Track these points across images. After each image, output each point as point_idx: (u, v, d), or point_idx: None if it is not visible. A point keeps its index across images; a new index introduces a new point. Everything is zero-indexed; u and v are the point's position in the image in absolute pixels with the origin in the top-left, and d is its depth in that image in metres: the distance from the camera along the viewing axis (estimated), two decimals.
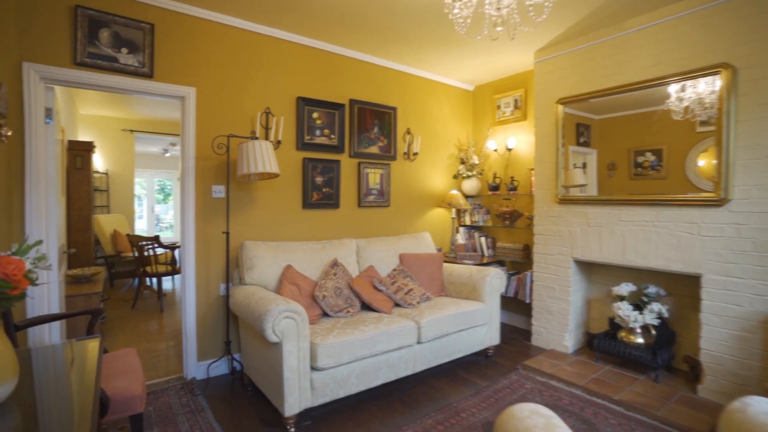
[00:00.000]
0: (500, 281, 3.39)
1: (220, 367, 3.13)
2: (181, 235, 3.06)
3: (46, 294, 2.64)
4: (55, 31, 2.55)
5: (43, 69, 2.52)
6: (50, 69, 2.54)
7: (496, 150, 4.47)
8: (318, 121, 3.59)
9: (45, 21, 2.52)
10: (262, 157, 2.82)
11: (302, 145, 3.49)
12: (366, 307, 3.15)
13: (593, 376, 2.94)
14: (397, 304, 3.23)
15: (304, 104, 3.49)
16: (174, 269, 5.24)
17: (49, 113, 2.66)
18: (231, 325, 3.12)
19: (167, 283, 6.57)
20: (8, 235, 2.37)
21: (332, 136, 3.67)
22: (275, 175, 3.02)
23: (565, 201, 3.46)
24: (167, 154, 9.42)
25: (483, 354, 3.44)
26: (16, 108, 2.44)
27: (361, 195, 3.84)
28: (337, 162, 3.68)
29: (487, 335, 3.32)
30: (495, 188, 4.39)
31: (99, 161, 6.65)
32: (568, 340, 3.43)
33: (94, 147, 5.23)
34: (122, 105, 6.07)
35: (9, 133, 2.30)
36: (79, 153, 4.95)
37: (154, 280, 5.23)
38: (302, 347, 2.34)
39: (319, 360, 2.36)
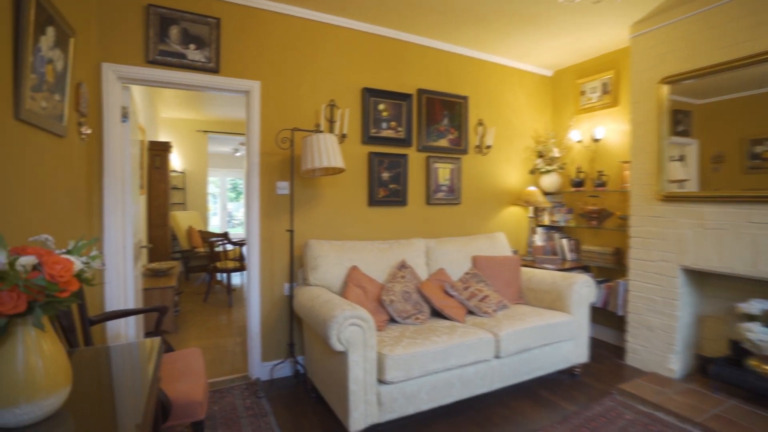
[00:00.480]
0: (590, 290, 2.96)
1: (284, 369, 3.05)
2: (246, 233, 3.02)
3: (123, 287, 2.70)
4: (129, 30, 2.58)
5: (119, 68, 2.56)
6: (125, 68, 2.57)
7: (580, 141, 3.97)
8: (384, 113, 3.38)
9: (121, 21, 2.56)
10: (327, 151, 2.67)
11: (368, 139, 3.30)
12: (436, 313, 2.88)
13: (713, 411, 2.43)
14: (470, 312, 2.93)
15: (370, 95, 3.30)
16: (242, 265, 5.36)
17: (125, 112, 2.71)
18: (294, 326, 3.02)
19: (237, 278, 6.78)
20: (89, 230, 2.43)
21: (399, 129, 3.44)
22: (340, 170, 2.86)
23: (671, 198, 2.93)
24: (237, 154, 9.83)
25: (568, 372, 3.02)
26: (95, 107, 2.50)
27: (429, 192, 3.58)
28: (405, 156, 3.45)
29: (574, 351, 2.90)
30: (579, 184, 3.91)
31: (177, 161, 7.04)
32: (675, 363, 2.90)
33: (171, 147, 5.49)
34: (196, 106, 6.34)
35: (89, 131, 2.35)
36: (157, 153, 5.21)
37: (225, 274, 5.39)
38: (369, 358, 2.14)
39: (387, 373, 2.14)
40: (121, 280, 2.67)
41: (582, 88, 3.99)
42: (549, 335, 2.73)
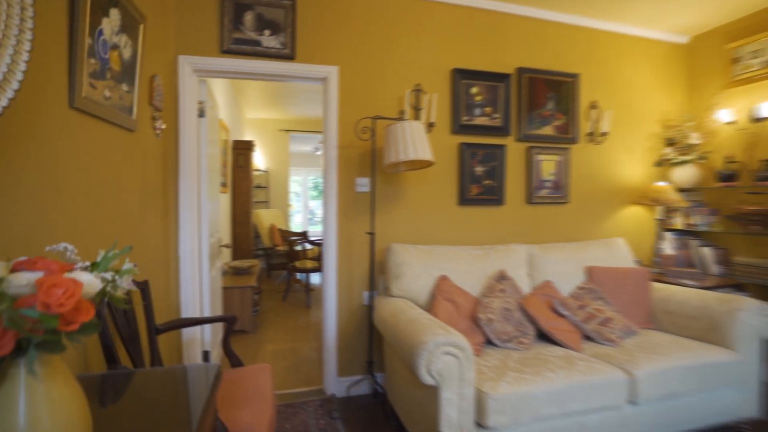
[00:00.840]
0: (762, 320, 2.20)
1: (362, 386, 2.73)
2: (323, 234, 2.75)
3: (198, 288, 2.58)
4: (204, 19, 2.45)
5: (194, 60, 2.43)
6: (200, 60, 2.44)
7: (732, 122, 3.10)
8: (477, 98, 2.90)
9: (196, 11, 2.44)
10: (413, 142, 2.28)
11: (458, 128, 2.85)
12: (542, 336, 2.36)
13: None
14: (587, 337, 2.35)
15: (461, 77, 2.85)
16: (321, 265, 5.21)
17: (201, 108, 2.59)
18: (374, 340, 2.69)
19: (316, 277, 6.72)
20: (164, 230, 2.32)
21: (495, 116, 2.94)
22: (428, 164, 2.46)
23: None
24: (318, 152, 9.94)
25: (732, 429, 2.29)
26: (171, 102, 2.39)
27: (531, 188, 3.02)
28: (502, 147, 2.94)
29: (739, 401, 2.17)
30: (729, 178, 3.06)
31: (260, 160, 7.20)
32: None
33: (253, 145, 5.53)
34: (278, 105, 6.38)
35: (163, 126, 2.22)
36: (241, 152, 5.27)
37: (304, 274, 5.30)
38: (465, 395, 1.71)
39: (489, 416, 1.70)
40: (197, 281, 2.55)
41: (735, 54, 3.11)
42: (705, 378, 2.05)
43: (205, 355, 2.69)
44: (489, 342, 2.28)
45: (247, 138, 6.61)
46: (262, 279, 6.15)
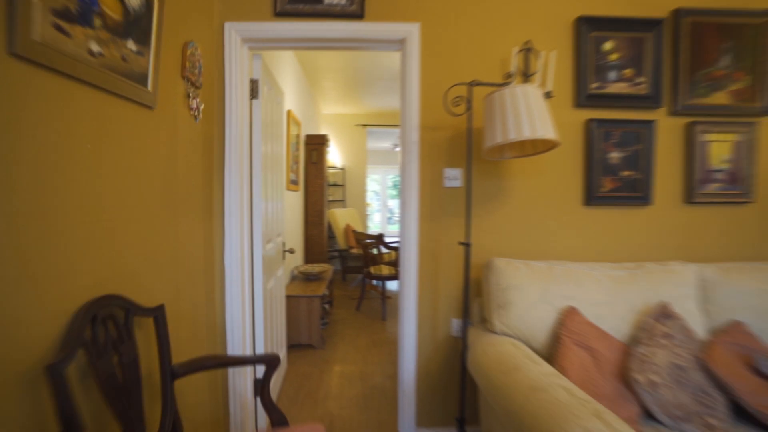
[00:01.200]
0: None
1: None
2: (400, 243, 2.15)
3: (249, 304, 2.13)
4: None
5: (243, 27, 1.97)
6: (251, 26, 1.98)
7: None
8: (612, 56, 2.08)
9: None
10: (529, 114, 1.57)
11: (585, 99, 2.06)
12: (737, 410, 1.50)
13: None
14: None
15: (589, 28, 2.05)
16: (398, 273, 4.65)
17: (254, 87, 2.14)
18: (465, 387, 2.01)
19: (393, 283, 6.18)
20: (206, 235, 1.89)
21: (639, 80, 2.09)
22: (546, 147, 1.73)
23: None
24: (397, 149, 9.46)
25: None
26: (217, 79, 1.97)
27: (692, 182, 2.11)
28: (649, 124, 2.08)
29: None
30: None
31: (337, 157, 6.86)
32: None
33: (327, 140, 5.14)
34: (354, 98, 5.96)
35: (201, 106, 1.79)
36: (314, 147, 4.91)
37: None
38: None
39: None
40: (247, 297, 2.10)
41: None
42: None
43: (257, 386, 2.25)
44: (649, 415, 1.49)
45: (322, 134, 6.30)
46: (335, 284, 5.78)
